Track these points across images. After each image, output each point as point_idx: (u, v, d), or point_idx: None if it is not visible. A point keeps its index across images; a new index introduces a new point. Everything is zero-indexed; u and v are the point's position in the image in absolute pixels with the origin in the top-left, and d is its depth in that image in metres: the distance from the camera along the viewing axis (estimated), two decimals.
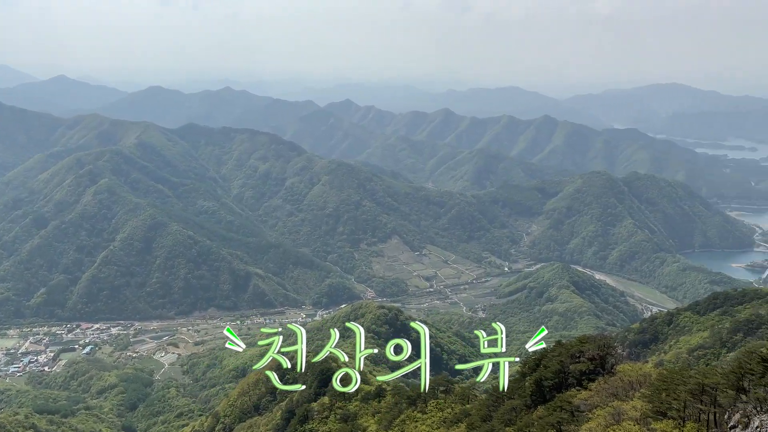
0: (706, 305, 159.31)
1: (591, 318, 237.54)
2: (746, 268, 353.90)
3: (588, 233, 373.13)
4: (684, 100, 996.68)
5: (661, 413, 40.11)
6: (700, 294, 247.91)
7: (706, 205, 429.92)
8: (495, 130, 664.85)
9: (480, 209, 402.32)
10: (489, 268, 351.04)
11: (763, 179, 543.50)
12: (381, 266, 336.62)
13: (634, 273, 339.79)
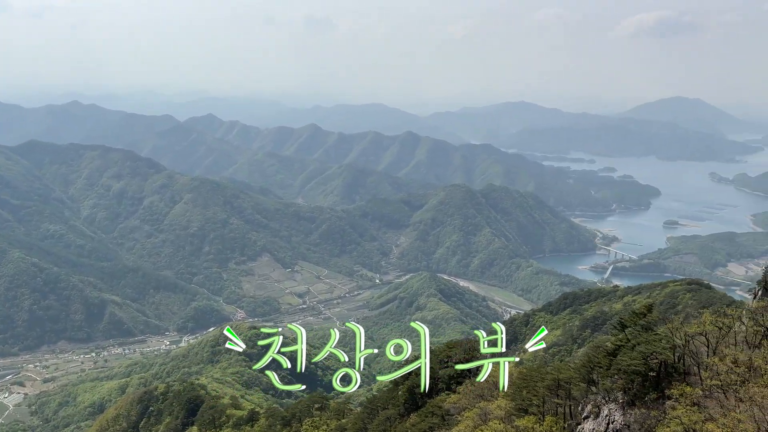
0: (558, 305, 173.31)
1: (457, 324, 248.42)
2: (590, 269, 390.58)
3: (451, 243, 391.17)
4: (531, 117, 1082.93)
5: (523, 410, 42.45)
6: (552, 295, 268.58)
7: (553, 213, 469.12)
8: (362, 145, 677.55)
9: (350, 223, 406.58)
10: (361, 281, 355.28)
11: (601, 188, 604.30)
12: (251, 285, 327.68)
13: (493, 278, 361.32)
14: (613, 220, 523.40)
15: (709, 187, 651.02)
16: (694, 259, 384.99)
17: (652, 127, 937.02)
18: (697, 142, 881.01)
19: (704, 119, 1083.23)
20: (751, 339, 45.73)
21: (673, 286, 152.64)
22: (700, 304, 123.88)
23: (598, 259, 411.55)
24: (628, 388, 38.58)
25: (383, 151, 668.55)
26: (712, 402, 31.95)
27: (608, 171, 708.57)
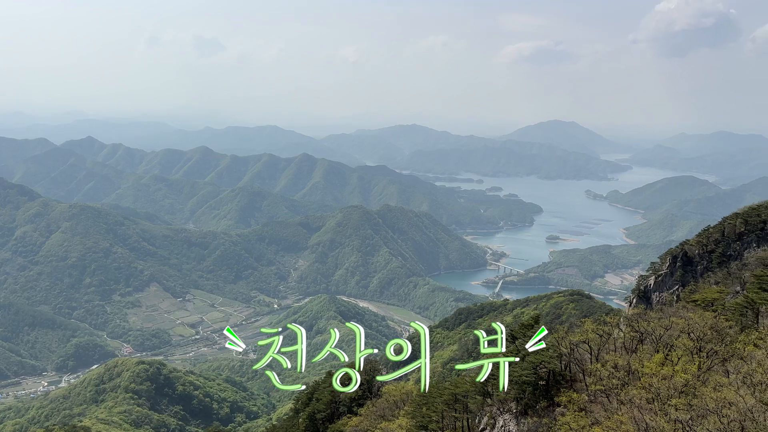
0: (454, 321, 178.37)
1: None
2: (482, 284, 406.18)
3: (350, 264, 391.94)
4: (423, 139, 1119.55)
5: (423, 427, 42.82)
6: (448, 311, 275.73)
7: (447, 232, 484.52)
8: (256, 167, 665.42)
9: (246, 248, 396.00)
10: (258, 306, 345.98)
11: (489, 207, 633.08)
12: (139, 318, 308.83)
13: (392, 297, 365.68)
14: (501, 236, 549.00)
15: (586, 203, 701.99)
16: (574, 271, 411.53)
17: (533, 149, 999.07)
18: (573, 162, 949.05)
19: (579, 141, 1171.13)
20: (628, 344, 49.37)
21: (557, 298, 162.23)
22: (582, 313, 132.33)
23: (490, 274, 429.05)
24: (521, 397, 40.17)
25: (279, 173, 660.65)
26: (597, 406, 34.00)
27: (495, 190, 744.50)
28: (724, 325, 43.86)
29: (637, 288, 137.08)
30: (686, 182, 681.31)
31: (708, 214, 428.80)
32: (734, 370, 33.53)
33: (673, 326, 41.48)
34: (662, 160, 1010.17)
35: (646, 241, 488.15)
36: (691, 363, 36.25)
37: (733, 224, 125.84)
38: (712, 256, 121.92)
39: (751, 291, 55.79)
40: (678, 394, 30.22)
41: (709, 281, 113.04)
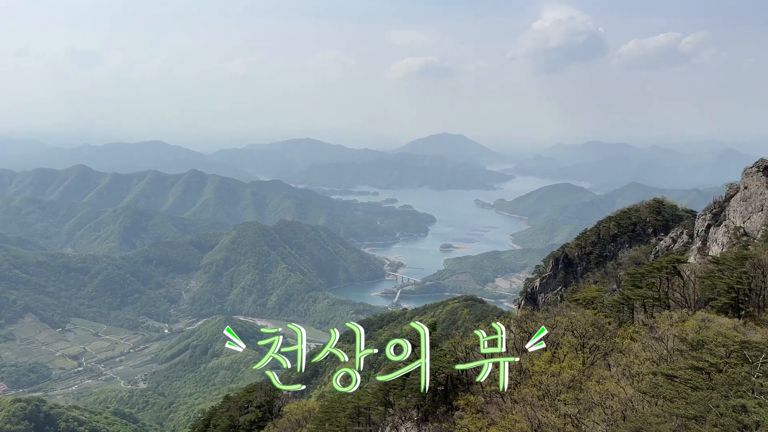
0: (354, 333, 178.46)
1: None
2: (382, 295, 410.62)
3: (247, 282, 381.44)
4: (317, 153, 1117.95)
5: None
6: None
7: (345, 245, 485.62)
8: (141, 185, 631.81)
9: (132, 271, 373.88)
10: (148, 332, 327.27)
11: (385, 218, 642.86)
12: (13, 352, 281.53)
13: (291, 314, 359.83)
14: (398, 247, 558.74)
15: (475, 212, 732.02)
16: (467, 277, 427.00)
17: (425, 161, 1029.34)
18: (462, 172, 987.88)
19: (467, 152, 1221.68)
20: (519, 344, 51.72)
21: (453, 304, 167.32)
22: (475, 317, 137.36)
23: (388, 284, 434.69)
24: (421, 404, 40.79)
25: (166, 190, 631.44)
26: (493, 407, 35.20)
27: (391, 202, 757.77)
28: (604, 322, 47.14)
29: (524, 290, 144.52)
30: (564, 189, 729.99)
31: (585, 218, 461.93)
32: (615, 363, 36.05)
33: (558, 325, 43.95)
34: (542, 169, 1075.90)
35: (530, 245, 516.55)
36: (576, 359, 38.56)
37: (607, 227, 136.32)
38: (590, 257, 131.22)
39: (626, 288, 60.48)
40: (566, 389, 31.98)
41: (589, 281, 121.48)
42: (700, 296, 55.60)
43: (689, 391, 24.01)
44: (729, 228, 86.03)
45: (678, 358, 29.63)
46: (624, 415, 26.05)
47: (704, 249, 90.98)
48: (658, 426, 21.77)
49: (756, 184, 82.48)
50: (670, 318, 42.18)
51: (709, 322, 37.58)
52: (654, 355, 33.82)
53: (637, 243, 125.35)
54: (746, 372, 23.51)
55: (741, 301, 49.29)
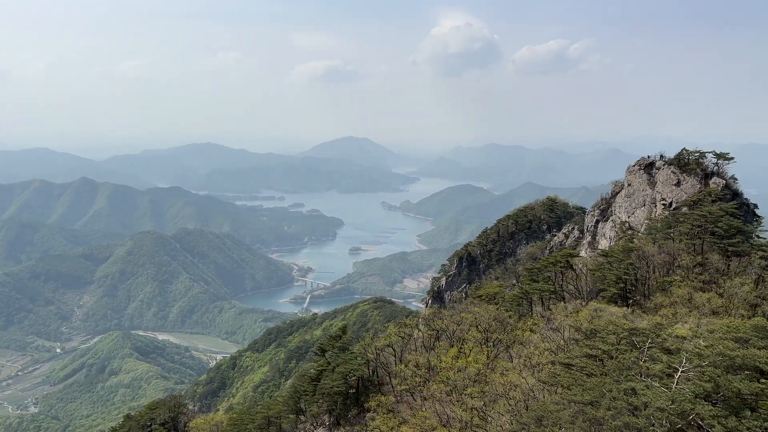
0: (263, 342, 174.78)
1: (160, 381, 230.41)
2: (291, 301, 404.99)
3: (146, 295, 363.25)
4: (219, 158, 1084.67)
5: None
6: (257, 333, 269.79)
7: (251, 252, 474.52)
8: (24, 196, 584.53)
9: (17, 288, 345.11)
10: (37, 353, 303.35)
11: (293, 223, 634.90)
12: None
13: (195, 326, 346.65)
14: (306, 251, 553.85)
15: (382, 214, 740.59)
16: (376, 279, 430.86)
17: (331, 164, 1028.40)
18: (369, 175, 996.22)
19: (373, 155, 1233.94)
20: (427, 343, 52.72)
21: (363, 306, 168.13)
22: (385, 318, 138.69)
23: (297, 290, 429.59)
24: (333, 409, 40.51)
25: (53, 201, 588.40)
26: (404, 406, 35.60)
27: (297, 206, 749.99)
28: (505, 316, 49.08)
29: (431, 289, 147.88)
30: (466, 190, 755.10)
31: (485, 217, 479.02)
32: (517, 355, 37.58)
33: (464, 321, 45.23)
34: (445, 171, 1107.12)
35: (436, 245, 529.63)
36: (481, 353, 39.83)
37: (506, 225, 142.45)
38: (492, 255, 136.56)
39: (525, 283, 63.34)
40: (472, 383, 32.91)
41: (491, 277, 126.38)
42: (592, 287, 59.29)
43: (585, 378, 25.41)
44: (615, 223, 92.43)
45: (574, 347, 31.32)
46: (526, 404, 27.17)
47: (594, 243, 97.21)
48: (558, 413, 22.84)
49: (638, 181, 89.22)
50: (565, 309, 44.59)
51: (600, 312, 40.09)
52: (552, 345, 35.58)
53: (533, 239, 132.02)
54: (635, 357, 25.23)
55: (628, 291, 53.04)
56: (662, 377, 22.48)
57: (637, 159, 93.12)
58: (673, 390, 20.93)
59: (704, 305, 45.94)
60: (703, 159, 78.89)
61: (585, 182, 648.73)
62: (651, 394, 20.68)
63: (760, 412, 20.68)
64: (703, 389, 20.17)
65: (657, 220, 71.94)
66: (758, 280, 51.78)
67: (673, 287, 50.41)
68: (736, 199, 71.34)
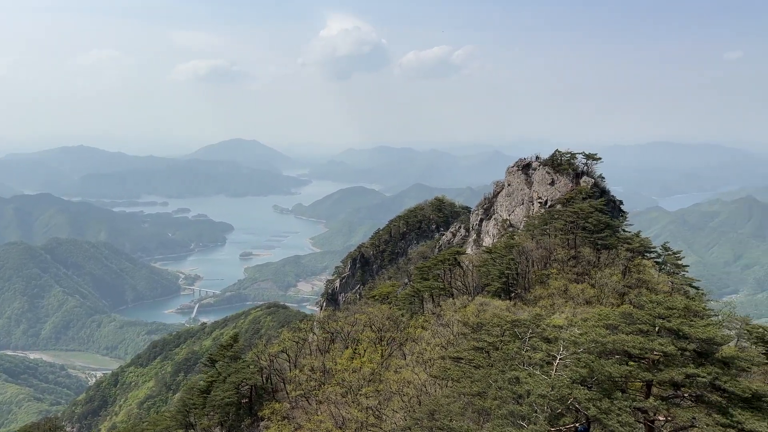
0: (148, 356, 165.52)
1: (33, 403, 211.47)
2: (177, 311, 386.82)
3: (14, 311, 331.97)
4: (94, 161, 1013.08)
5: None
6: (141, 346, 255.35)
7: (132, 261, 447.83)
8: None
9: None
10: None
11: (178, 229, 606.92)
12: None
13: (71, 342, 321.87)
14: (193, 259, 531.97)
15: (274, 218, 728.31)
16: (270, 284, 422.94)
17: (219, 167, 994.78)
18: (259, 178, 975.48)
19: (262, 158, 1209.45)
20: (322, 346, 52.49)
21: (255, 313, 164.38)
22: (279, 324, 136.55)
23: (184, 299, 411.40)
24: (225, 420, 39.19)
25: None
26: (299, 411, 35.16)
27: (183, 212, 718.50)
28: (398, 314, 50.05)
29: (325, 292, 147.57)
30: (358, 192, 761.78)
31: (378, 218, 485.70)
32: (409, 352, 38.40)
33: (358, 322, 45.56)
34: (336, 173, 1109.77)
35: (330, 248, 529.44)
36: (375, 352, 40.29)
37: (397, 226, 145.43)
38: (384, 255, 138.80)
39: (416, 281, 65.00)
40: (367, 383, 33.19)
41: (384, 277, 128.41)
42: (478, 283, 62.04)
43: (473, 370, 26.46)
44: (498, 221, 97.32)
45: (462, 341, 32.52)
46: (419, 400, 27.82)
47: (479, 240, 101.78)
48: (449, 406, 23.59)
49: (517, 181, 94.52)
50: (454, 305, 46.22)
51: (486, 306, 41.95)
52: (442, 340, 36.74)
53: (423, 239, 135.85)
54: (518, 347, 26.64)
55: (511, 285, 56.01)
56: (543, 365, 23.91)
57: (516, 160, 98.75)
58: (553, 377, 22.32)
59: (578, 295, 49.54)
60: (574, 160, 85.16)
61: (470, 183, 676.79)
62: (533, 381, 21.91)
63: (629, 392, 22.57)
64: (579, 375, 21.67)
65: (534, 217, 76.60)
66: (625, 270, 56.63)
67: (550, 280, 53.89)
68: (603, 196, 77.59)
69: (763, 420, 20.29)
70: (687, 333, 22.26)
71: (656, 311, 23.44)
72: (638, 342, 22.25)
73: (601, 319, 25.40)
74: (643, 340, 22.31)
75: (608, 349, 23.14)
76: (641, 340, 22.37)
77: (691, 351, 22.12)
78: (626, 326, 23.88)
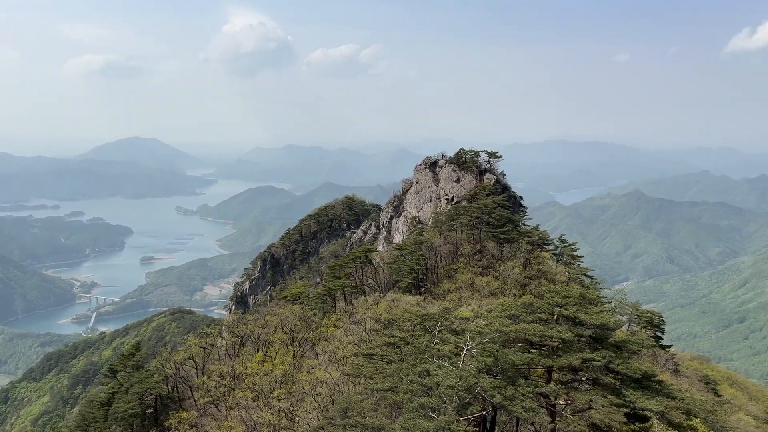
0: (42, 369, 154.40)
1: None
2: (73, 321, 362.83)
3: None
4: None
5: None
6: (34, 360, 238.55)
7: (21, 269, 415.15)
8: None
9: None
10: None
11: (71, 234, 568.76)
12: None
13: None
14: (89, 265, 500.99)
15: (177, 219, 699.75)
16: (174, 289, 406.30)
17: (115, 167, 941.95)
18: (160, 179, 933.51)
19: (163, 157, 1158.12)
20: (231, 350, 51.17)
21: (159, 319, 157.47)
22: (185, 330, 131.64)
23: (80, 308, 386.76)
24: None
25: None
26: (208, 419, 34.07)
27: (77, 215, 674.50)
28: (310, 314, 49.74)
29: (234, 295, 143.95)
30: (267, 191, 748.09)
31: (288, 218, 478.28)
32: (322, 351, 38.27)
33: (269, 324, 44.84)
34: (244, 172, 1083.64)
35: (238, 249, 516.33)
36: (287, 354, 39.82)
37: (308, 225, 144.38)
38: (295, 255, 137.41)
39: (328, 280, 64.84)
40: (279, 385, 32.74)
41: (295, 277, 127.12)
42: (389, 279, 62.87)
43: (385, 365, 26.79)
44: (407, 218, 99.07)
45: (374, 338, 32.85)
46: (332, 398, 27.81)
47: (389, 238, 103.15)
48: (361, 403, 23.76)
49: (425, 178, 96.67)
50: (366, 302, 46.58)
51: (397, 302, 42.62)
52: (355, 338, 36.92)
53: (335, 237, 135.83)
54: (427, 341, 27.27)
55: (420, 280, 57.22)
56: (451, 357, 24.63)
57: (423, 158, 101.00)
58: (461, 367, 23.04)
59: (484, 288, 51.46)
60: (477, 158, 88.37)
61: (379, 181, 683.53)
62: (442, 373, 22.52)
63: (531, 378, 23.73)
64: (485, 364, 22.51)
65: (442, 213, 78.74)
66: (526, 262, 59.42)
67: (457, 274, 55.61)
68: (505, 192, 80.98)
69: (652, 398, 22.01)
70: (583, 320, 23.73)
71: (554, 300, 24.80)
72: (539, 330, 23.45)
73: (505, 309, 26.53)
74: (543, 328, 23.53)
75: (511, 338, 24.21)
76: (541, 328, 23.59)
77: (587, 337, 23.60)
78: (527, 315, 25.10)
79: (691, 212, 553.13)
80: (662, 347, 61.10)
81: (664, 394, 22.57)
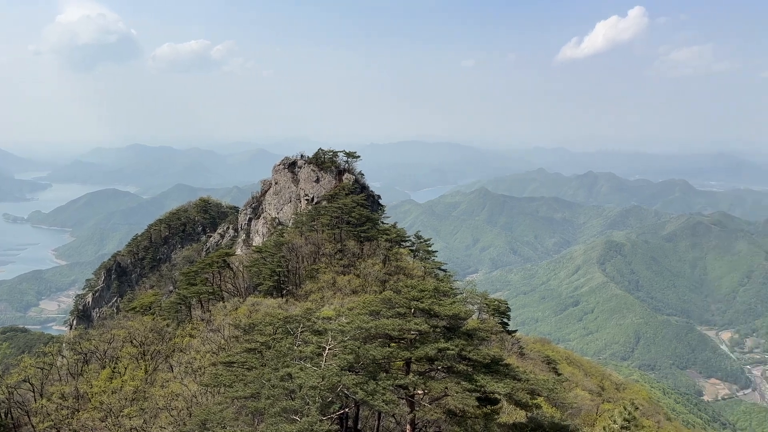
0: None
1: None
2: None
3: None
4: None
5: None
6: None
7: None
8: None
9: None
10: None
11: None
12: None
13: None
14: None
15: (5, 228, 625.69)
16: (4, 306, 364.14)
17: None
18: None
19: None
20: (73, 369, 46.84)
21: None
22: (19, 350, 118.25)
23: None
24: None
25: None
26: None
27: None
28: (163, 325, 46.99)
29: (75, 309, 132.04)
30: (110, 195, 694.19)
31: (135, 223, 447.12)
32: (177, 363, 36.32)
33: (116, 338, 41.70)
34: (83, 175, 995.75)
35: (78, 259, 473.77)
36: (139, 369, 37.30)
37: (158, 230, 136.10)
38: (144, 263, 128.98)
39: (182, 288, 61.69)
40: (129, 402, 30.58)
41: (145, 286, 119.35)
42: (250, 283, 61.35)
43: (246, 372, 26.12)
44: (267, 219, 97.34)
45: (234, 345, 31.87)
46: (189, 411, 26.56)
47: (249, 240, 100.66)
48: (221, 413, 22.96)
49: (284, 179, 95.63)
50: (224, 308, 45.06)
51: (258, 306, 41.71)
52: (213, 346, 35.53)
53: (189, 242, 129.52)
54: (290, 343, 27.01)
55: (282, 282, 56.50)
56: (314, 357, 24.63)
57: (282, 159, 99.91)
58: (323, 367, 23.14)
59: (346, 286, 52.07)
60: (336, 158, 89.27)
61: (237, 182, 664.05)
62: (304, 375, 22.45)
63: (391, 372, 24.46)
64: (347, 361, 22.82)
65: (302, 214, 78.41)
66: (385, 259, 61.07)
67: (319, 274, 55.71)
68: (364, 192, 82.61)
69: (500, 381, 23.70)
70: (437, 311, 24.93)
71: (411, 294, 25.79)
72: (397, 324, 24.25)
73: (365, 306, 27.09)
74: (401, 322, 24.37)
75: (372, 333, 24.78)
76: (399, 322, 24.42)
77: (442, 327, 24.83)
78: (387, 311, 25.84)
79: (529, 207, 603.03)
80: (509, 332, 66.06)
81: (511, 376, 24.41)
